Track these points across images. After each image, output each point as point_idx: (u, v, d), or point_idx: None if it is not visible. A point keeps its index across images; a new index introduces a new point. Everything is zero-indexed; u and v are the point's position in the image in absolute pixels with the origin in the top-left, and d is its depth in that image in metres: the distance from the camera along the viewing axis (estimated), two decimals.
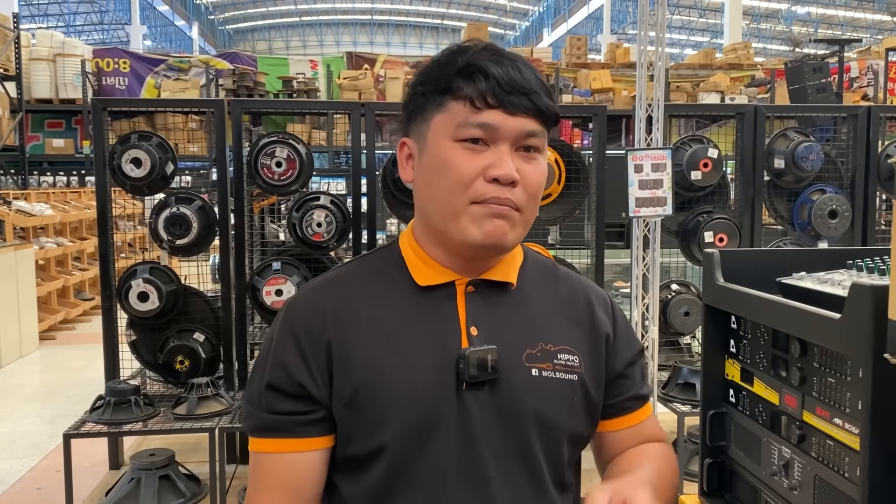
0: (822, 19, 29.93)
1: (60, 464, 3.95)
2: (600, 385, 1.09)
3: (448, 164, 0.98)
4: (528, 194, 1.00)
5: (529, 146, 0.99)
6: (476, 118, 0.96)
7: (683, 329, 3.82)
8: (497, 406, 1.00)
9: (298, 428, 0.99)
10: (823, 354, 1.09)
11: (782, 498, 1.20)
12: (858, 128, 3.97)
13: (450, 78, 0.98)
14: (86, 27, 30.60)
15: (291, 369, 0.99)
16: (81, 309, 8.02)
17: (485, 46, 1.00)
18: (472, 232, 0.98)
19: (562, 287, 1.13)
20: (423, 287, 1.04)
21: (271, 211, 4.79)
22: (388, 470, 0.99)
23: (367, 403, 0.98)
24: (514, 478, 1.01)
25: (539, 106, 0.98)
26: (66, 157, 11.74)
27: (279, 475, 1.00)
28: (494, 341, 1.01)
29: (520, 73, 0.97)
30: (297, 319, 1.03)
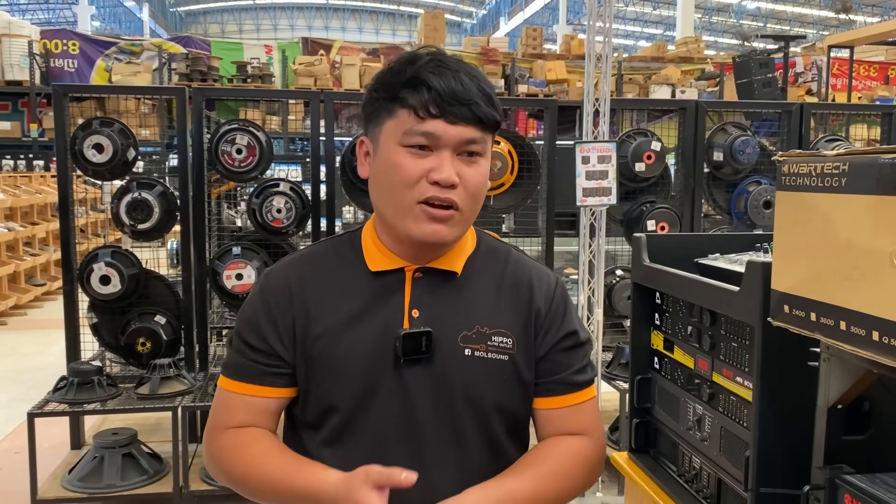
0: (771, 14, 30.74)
1: (18, 446, 4.01)
2: (531, 364, 1.20)
3: (395, 166, 1.10)
4: (469, 194, 1.12)
5: (471, 151, 1.11)
6: (420, 127, 1.08)
7: (626, 312, 4.01)
8: (430, 380, 1.14)
9: (266, 378, 1.17)
10: (728, 323, 1.27)
11: (696, 449, 1.39)
12: (792, 123, 4.22)
13: (399, 88, 1.10)
14: (30, 6, 29.68)
15: (264, 332, 1.17)
16: (33, 294, 7.94)
17: (432, 58, 1.11)
18: (412, 229, 1.11)
19: (509, 273, 1.23)
20: (376, 272, 1.17)
21: (228, 197, 4.85)
22: (339, 425, 1.15)
23: (322, 366, 1.15)
24: (442, 441, 1.15)
25: (478, 115, 1.09)
26: (13, 140, 11.48)
27: (242, 406, 1.18)
28: (433, 324, 1.14)
29: (461, 84, 1.08)
30: (269, 290, 1.20)
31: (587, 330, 1.29)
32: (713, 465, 1.31)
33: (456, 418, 1.15)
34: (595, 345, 3.62)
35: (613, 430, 3.85)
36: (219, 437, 1.19)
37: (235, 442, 1.16)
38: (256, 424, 1.18)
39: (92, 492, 3.20)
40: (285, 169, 8.00)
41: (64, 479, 3.29)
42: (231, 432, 1.17)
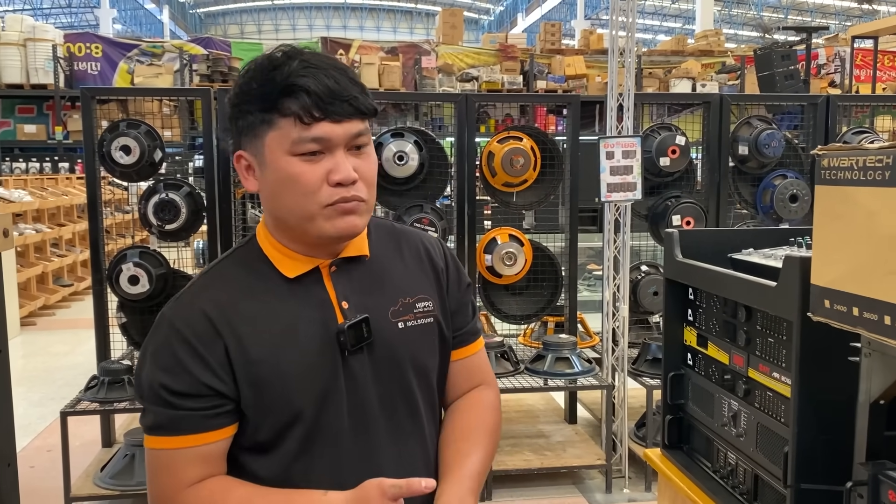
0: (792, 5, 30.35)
1: (51, 444, 4.08)
2: (448, 319, 1.25)
3: (293, 177, 1.07)
4: (367, 184, 1.12)
5: (358, 144, 1.11)
6: (308, 133, 1.06)
7: (652, 308, 4.01)
8: (377, 361, 1.15)
9: (208, 422, 1.08)
10: (765, 318, 1.26)
11: (731, 445, 1.38)
12: (818, 116, 4.18)
13: (275, 97, 1.06)
14: (53, 10, 30.05)
15: (194, 371, 1.07)
16: (61, 295, 8.05)
17: (299, 59, 1.08)
18: (327, 229, 1.10)
19: (404, 243, 1.26)
20: (292, 278, 1.15)
21: (251, 196, 4.88)
22: (302, 435, 1.12)
23: (272, 387, 1.10)
24: (396, 416, 1.17)
25: (359, 108, 1.09)
26: (38, 143, 11.64)
27: (190, 461, 1.09)
28: (363, 309, 1.15)
29: (335, 80, 1.07)
30: (183, 327, 1.09)
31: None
32: (750, 461, 1.31)
33: (406, 389, 1.18)
34: (622, 341, 3.61)
35: (640, 427, 3.84)
36: (182, 498, 1.09)
37: (206, 498, 1.09)
38: (209, 474, 1.10)
39: (123, 489, 3.24)
40: None
41: (96, 477, 3.34)
42: (192, 491, 1.09)
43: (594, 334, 4.43)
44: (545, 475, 3.64)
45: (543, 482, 3.64)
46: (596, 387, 3.63)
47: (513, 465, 3.55)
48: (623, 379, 3.64)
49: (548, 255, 3.96)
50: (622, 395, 3.63)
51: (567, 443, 3.86)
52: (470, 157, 3.81)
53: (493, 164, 3.75)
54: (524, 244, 3.82)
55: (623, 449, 3.63)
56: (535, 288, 3.95)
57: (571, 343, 3.71)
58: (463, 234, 3.77)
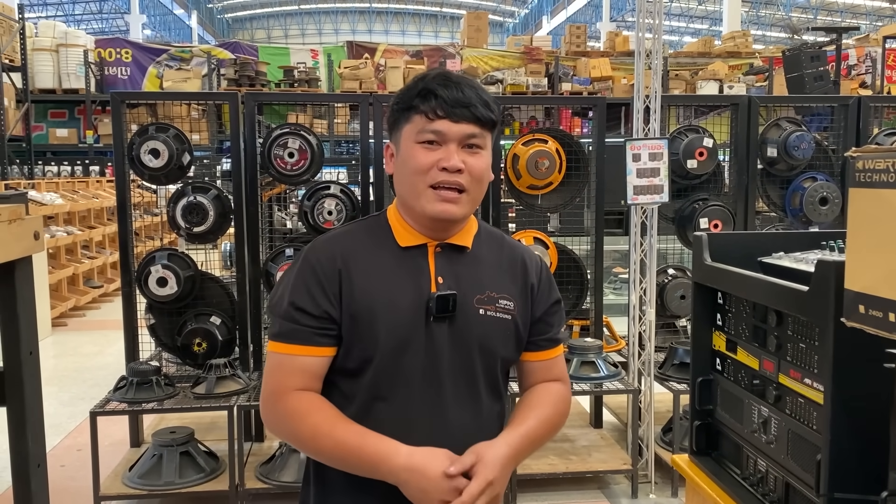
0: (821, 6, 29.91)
1: (80, 443, 4.14)
2: (527, 324, 1.45)
3: (412, 158, 1.35)
4: (473, 178, 1.35)
5: (472, 144, 1.35)
6: (430, 126, 1.33)
7: (679, 312, 3.97)
8: (453, 334, 1.37)
9: (316, 339, 1.35)
10: (796, 323, 1.24)
11: (761, 452, 1.36)
12: (849, 117, 4.11)
13: (412, 98, 1.35)
14: (85, 16, 30.56)
15: (317, 298, 1.35)
16: (91, 296, 8.17)
17: (438, 73, 1.38)
18: (428, 209, 1.34)
19: (505, 252, 1.48)
20: (404, 247, 1.40)
21: (278, 199, 4.92)
22: (376, 373, 1.34)
23: (365, 323, 1.34)
24: (458, 384, 1.37)
25: (476, 115, 1.33)
26: (70, 146, 11.84)
27: (297, 369, 1.35)
28: (454, 288, 1.37)
29: (462, 93, 1.33)
30: (317, 261, 1.37)
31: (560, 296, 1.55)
32: (781, 469, 1.29)
33: (471, 365, 1.38)
34: (648, 345, 3.58)
35: (666, 432, 3.80)
36: (281, 400, 1.34)
37: (300, 407, 1.33)
38: (309, 387, 1.35)
39: (151, 489, 3.28)
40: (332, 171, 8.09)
41: (125, 476, 3.38)
42: (293, 396, 1.34)
43: (620, 338, 4.39)
44: (570, 480, 3.62)
45: (569, 487, 3.62)
46: (622, 391, 3.60)
47: (538, 470, 3.54)
48: (649, 383, 3.60)
49: (573, 258, 3.94)
50: (648, 400, 3.60)
51: (592, 447, 3.83)
52: (495, 159, 3.80)
53: (518, 167, 3.74)
54: (549, 247, 3.80)
55: (649, 454, 3.60)
56: (560, 291, 3.92)
57: (597, 347, 3.68)
58: None
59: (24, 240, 1.11)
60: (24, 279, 1.12)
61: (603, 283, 4.08)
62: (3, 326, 1.11)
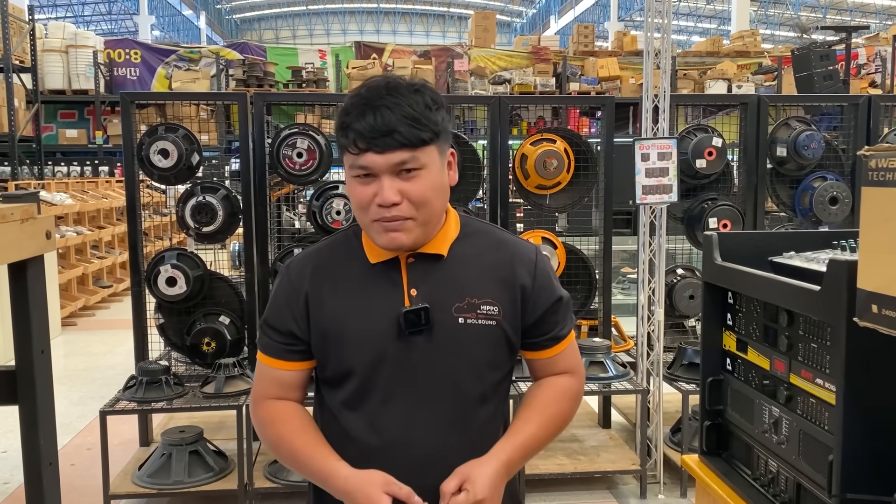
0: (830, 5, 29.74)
1: (90, 442, 4.16)
2: (518, 328, 1.39)
3: (352, 193, 1.31)
4: (415, 203, 1.28)
5: (407, 169, 1.26)
6: (356, 161, 1.27)
7: (688, 312, 3.96)
8: (432, 346, 1.33)
9: (285, 354, 1.38)
10: (807, 323, 1.23)
11: (772, 452, 1.35)
12: (859, 116, 4.09)
13: (339, 131, 1.30)
14: (94, 18, 30.70)
15: (284, 317, 1.37)
16: (100, 296, 8.21)
17: (355, 100, 1.27)
18: (377, 240, 1.32)
19: (493, 252, 1.40)
20: (374, 262, 1.37)
21: (286, 199, 4.93)
22: (355, 387, 1.35)
23: (335, 341, 1.34)
24: (440, 394, 1.34)
25: (401, 141, 1.24)
26: (80, 147, 11.88)
27: (272, 379, 1.40)
28: (429, 299, 1.33)
29: (381, 118, 1.24)
30: (289, 279, 1.40)
31: (563, 289, 1.48)
32: (792, 470, 1.28)
33: (455, 376, 1.34)
34: (657, 345, 3.57)
35: (675, 432, 3.79)
36: (258, 407, 1.41)
37: (271, 415, 1.38)
38: (287, 396, 1.39)
39: (161, 487, 3.29)
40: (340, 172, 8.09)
41: (134, 475, 3.39)
42: (267, 404, 1.39)
43: (628, 338, 4.38)
44: (579, 480, 3.61)
45: (577, 487, 3.61)
46: (630, 391, 3.59)
47: (546, 470, 3.53)
48: (658, 383, 3.60)
49: (581, 258, 3.93)
50: (657, 400, 3.59)
51: (601, 447, 3.82)
52: (503, 159, 3.80)
53: (527, 167, 3.73)
54: (557, 247, 3.80)
55: (658, 454, 3.59)
56: (568, 291, 3.91)
57: (605, 347, 3.67)
58: None
59: (36, 239, 1.11)
60: (37, 278, 1.13)
61: (611, 282, 4.07)
62: (16, 325, 1.12)
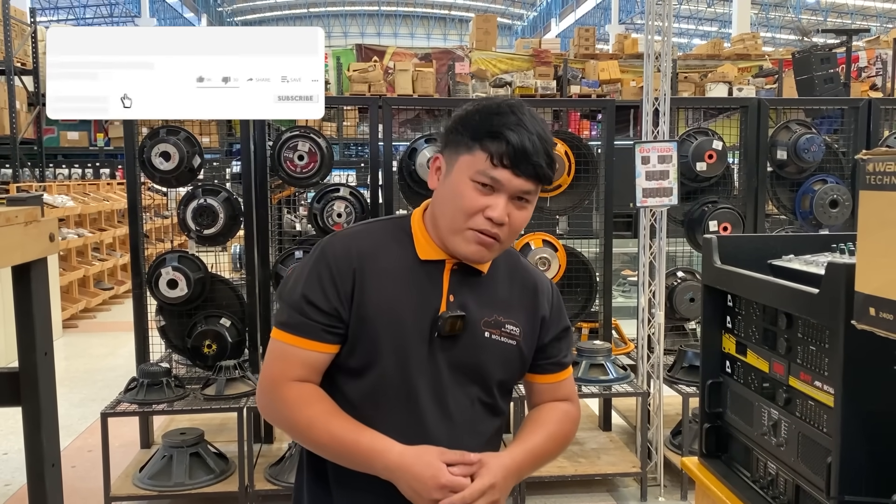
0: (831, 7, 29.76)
1: (92, 444, 4.16)
2: (532, 350, 1.44)
3: (461, 195, 1.31)
4: (512, 231, 1.34)
5: (523, 198, 1.33)
6: (491, 172, 1.29)
7: (688, 314, 3.97)
8: (458, 353, 1.35)
9: (323, 335, 1.33)
10: (806, 326, 1.24)
11: (771, 454, 1.36)
12: (860, 120, 4.09)
13: (482, 134, 1.30)
14: (96, 20, 30.76)
15: (328, 295, 1.33)
16: (101, 298, 8.22)
17: (516, 115, 1.30)
18: (462, 248, 1.33)
19: (519, 277, 1.46)
20: (423, 259, 1.37)
21: (287, 202, 4.94)
22: (377, 379, 1.34)
23: (371, 328, 1.33)
24: (459, 400, 1.37)
25: (539, 174, 1.31)
26: (81, 149, 11.90)
27: (301, 361, 1.34)
28: (463, 308, 1.36)
29: (533, 144, 1.29)
30: (333, 256, 1.35)
31: (569, 322, 1.54)
32: (791, 472, 1.29)
33: (469, 386, 1.37)
34: (657, 348, 3.57)
35: (675, 435, 3.79)
36: (280, 388, 1.34)
37: (299, 396, 1.33)
38: (309, 379, 1.35)
39: (161, 489, 3.30)
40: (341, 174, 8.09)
41: (135, 477, 3.40)
42: (293, 386, 1.33)
43: (629, 341, 4.39)
44: (579, 482, 3.61)
45: (577, 489, 3.61)
46: (631, 394, 3.60)
47: (546, 472, 3.53)
48: (658, 386, 3.60)
49: (582, 261, 3.94)
50: (657, 403, 3.59)
51: (601, 450, 3.83)
52: None
53: None
54: (558, 249, 3.81)
55: (658, 457, 3.59)
56: (569, 293, 3.93)
57: (606, 349, 3.68)
58: None
59: (39, 241, 1.12)
60: (40, 280, 1.13)
61: (612, 285, 4.08)
62: (19, 327, 1.13)
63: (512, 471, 1.31)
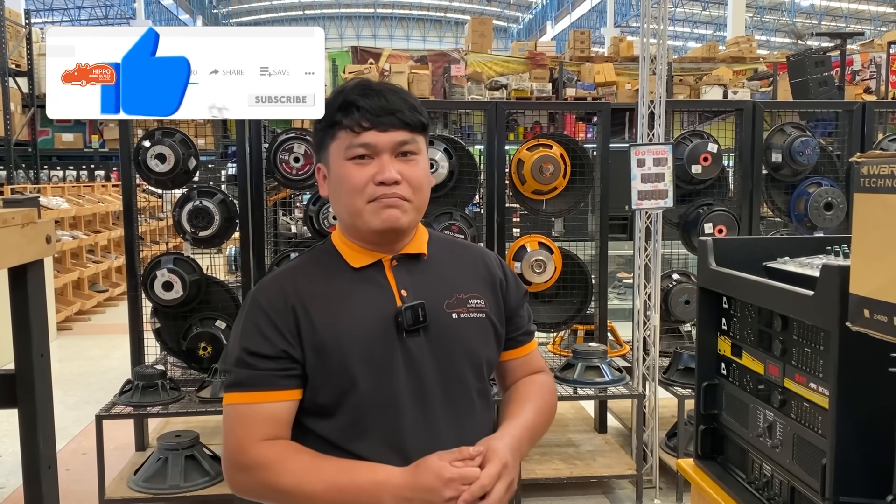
0: (825, 11, 29.91)
1: (86, 447, 4.15)
2: (502, 319, 1.40)
3: (345, 177, 1.27)
4: (412, 187, 1.28)
5: (406, 151, 1.28)
6: (357, 140, 1.26)
7: (684, 317, 3.97)
8: (432, 345, 1.30)
9: (276, 381, 1.25)
10: (801, 328, 1.25)
11: (766, 456, 1.37)
12: (854, 123, 4.11)
13: (334, 114, 1.28)
14: (90, 22, 30.69)
15: (272, 338, 1.25)
16: (96, 300, 8.19)
17: (356, 84, 1.30)
18: (371, 221, 1.27)
19: (462, 253, 1.44)
20: (358, 268, 1.33)
21: (283, 204, 4.93)
22: (357, 405, 1.25)
23: (333, 351, 1.25)
24: (450, 395, 1.31)
25: (405, 121, 1.27)
26: (76, 151, 11.87)
27: (263, 418, 1.24)
28: (420, 298, 1.30)
29: (385, 99, 1.26)
30: (265, 301, 1.29)
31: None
32: (786, 473, 1.29)
33: (460, 373, 1.32)
34: (653, 350, 3.58)
35: (671, 437, 3.80)
36: (249, 455, 1.21)
37: (273, 455, 1.21)
38: (279, 435, 1.24)
39: (157, 492, 3.29)
40: None
41: (130, 480, 3.39)
42: (264, 447, 1.21)
43: (624, 343, 4.39)
44: (575, 484, 3.62)
45: (573, 491, 3.62)
46: (626, 396, 3.60)
47: (542, 474, 3.54)
48: (654, 388, 3.61)
49: (577, 263, 3.94)
50: (653, 405, 3.60)
51: (597, 452, 3.83)
52: (499, 164, 3.81)
53: (523, 172, 3.75)
54: (554, 252, 3.81)
55: (654, 459, 3.60)
56: (564, 296, 3.94)
57: (601, 352, 3.68)
58: (492, 241, 3.77)
59: (36, 243, 1.12)
60: (36, 282, 1.13)
61: (607, 287, 4.08)
62: (15, 329, 1.13)
63: (515, 448, 1.26)
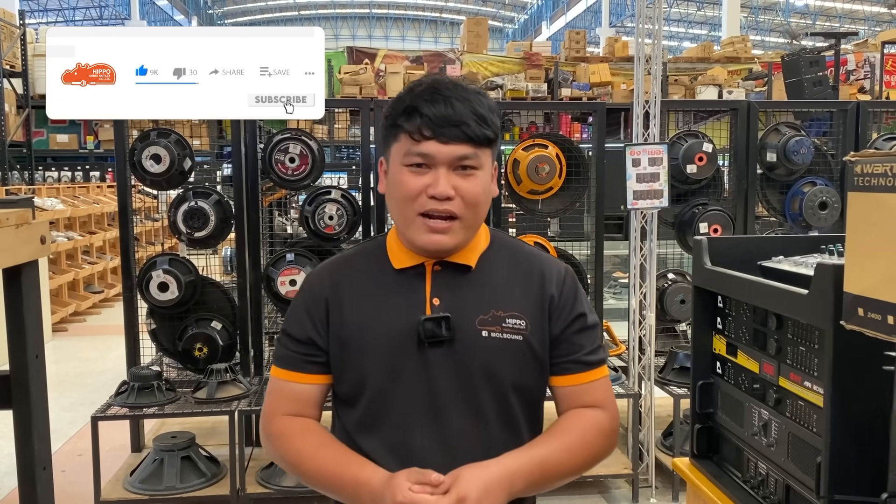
0: (820, 11, 29.98)
1: (82, 448, 4.13)
2: (545, 343, 1.31)
3: (399, 183, 1.26)
4: (466, 203, 1.25)
5: (465, 166, 1.24)
6: (416, 148, 1.23)
7: (679, 316, 3.98)
8: (452, 359, 1.27)
9: (303, 365, 1.32)
10: (796, 326, 1.25)
11: (762, 455, 1.37)
12: (848, 122, 4.12)
13: (398, 116, 1.25)
14: (85, 22, 30.62)
15: (304, 325, 1.33)
16: (91, 301, 8.17)
17: (427, 87, 1.25)
18: (417, 239, 1.26)
19: (522, 265, 1.35)
20: (398, 269, 1.32)
21: (279, 205, 4.93)
22: (369, 402, 1.29)
23: (352, 351, 1.29)
24: (463, 413, 1.27)
25: (468, 134, 1.22)
26: (70, 152, 11.84)
27: (287, 394, 1.34)
28: (452, 310, 1.27)
29: (452, 108, 1.22)
30: (308, 289, 1.37)
31: (595, 315, 1.38)
32: (781, 472, 1.30)
33: (476, 394, 1.27)
34: (648, 350, 3.59)
35: (667, 436, 3.80)
36: (272, 423, 1.33)
37: (288, 430, 1.30)
38: (302, 413, 1.32)
39: (153, 493, 3.28)
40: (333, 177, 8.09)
41: (125, 481, 3.38)
42: (283, 420, 1.32)
43: (620, 343, 4.40)
44: (570, 484, 3.56)
45: (569, 491, 3.61)
46: (622, 395, 3.60)
47: None
48: (650, 388, 3.61)
49: (573, 263, 3.94)
50: (649, 404, 3.60)
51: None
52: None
53: (519, 172, 3.75)
54: (549, 252, 3.81)
55: (650, 458, 3.60)
56: None
57: None
58: None
59: (30, 244, 1.12)
60: (31, 283, 1.13)
61: (603, 287, 4.09)
62: (10, 330, 1.12)
63: (500, 482, 1.15)
